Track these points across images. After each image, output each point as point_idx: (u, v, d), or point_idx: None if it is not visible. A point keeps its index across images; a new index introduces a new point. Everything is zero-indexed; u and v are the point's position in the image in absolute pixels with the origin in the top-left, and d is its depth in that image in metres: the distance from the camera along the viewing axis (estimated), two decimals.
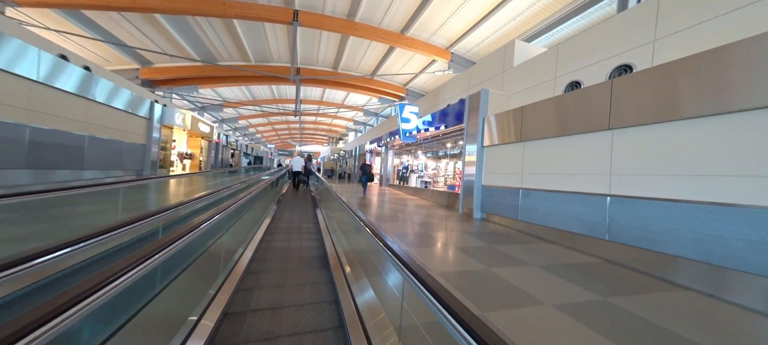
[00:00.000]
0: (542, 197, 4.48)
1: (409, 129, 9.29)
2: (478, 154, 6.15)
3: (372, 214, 5.82)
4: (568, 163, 4.08)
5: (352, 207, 3.58)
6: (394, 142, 12.13)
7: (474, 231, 4.69)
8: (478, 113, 6.24)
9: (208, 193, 4.50)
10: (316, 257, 4.33)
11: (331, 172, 27.92)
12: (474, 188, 6.15)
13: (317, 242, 5.04)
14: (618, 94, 3.41)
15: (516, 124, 5.10)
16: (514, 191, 5.11)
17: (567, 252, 3.71)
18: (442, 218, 5.79)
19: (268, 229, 5.75)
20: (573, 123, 4.03)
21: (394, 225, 4.89)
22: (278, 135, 37.24)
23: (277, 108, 23.78)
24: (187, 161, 12.63)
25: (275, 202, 8.81)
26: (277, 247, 4.58)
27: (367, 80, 16.85)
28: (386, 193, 10.48)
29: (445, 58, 12.76)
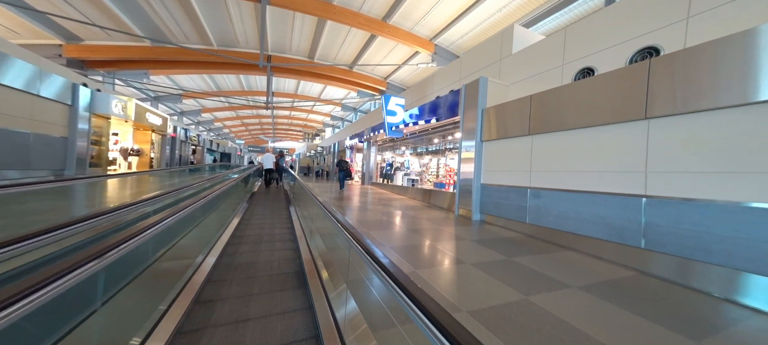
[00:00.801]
0: (556, 198, 3.92)
1: (395, 122, 8.49)
2: (477, 149, 5.52)
3: (356, 218, 4.96)
4: (590, 159, 3.53)
5: (331, 209, 2.77)
6: (377, 138, 11.27)
7: (480, 238, 4.02)
8: (475, 104, 5.60)
9: (152, 197, 3.43)
10: (290, 273, 3.42)
11: (307, 169, 26.40)
12: (472, 187, 5.52)
13: (292, 253, 4.09)
14: (661, 77, 2.86)
15: (523, 116, 4.51)
16: (520, 191, 4.53)
17: (595, 264, 3.15)
18: (437, 222, 5.08)
19: (233, 237, 4.66)
20: (596, 112, 3.48)
21: (385, 233, 4.07)
22: (249, 130, 34.60)
23: (247, 100, 21.82)
24: (133, 159, 10.72)
25: (246, 200, 7.59)
26: (243, 262, 3.57)
27: (346, 72, 15.76)
28: (370, 192, 9.63)
29: (428, 49, 12.11)
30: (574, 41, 4.76)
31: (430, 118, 7.19)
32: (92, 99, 7.63)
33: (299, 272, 3.67)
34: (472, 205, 5.51)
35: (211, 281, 3.23)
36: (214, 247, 4.29)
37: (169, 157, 12.94)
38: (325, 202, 3.51)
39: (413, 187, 8.84)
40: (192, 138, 16.57)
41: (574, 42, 4.76)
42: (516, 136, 4.68)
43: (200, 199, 3.56)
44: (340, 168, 9.90)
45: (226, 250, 4.32)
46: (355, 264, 2.29)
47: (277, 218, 6.52)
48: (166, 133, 12.34)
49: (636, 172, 3.04)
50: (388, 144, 11.94)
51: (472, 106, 5.71)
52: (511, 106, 4.80)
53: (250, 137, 37.38)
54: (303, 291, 3.12)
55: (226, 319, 2.38)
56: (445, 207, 6.61)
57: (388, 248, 3.33)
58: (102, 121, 8.52)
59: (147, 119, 10.43)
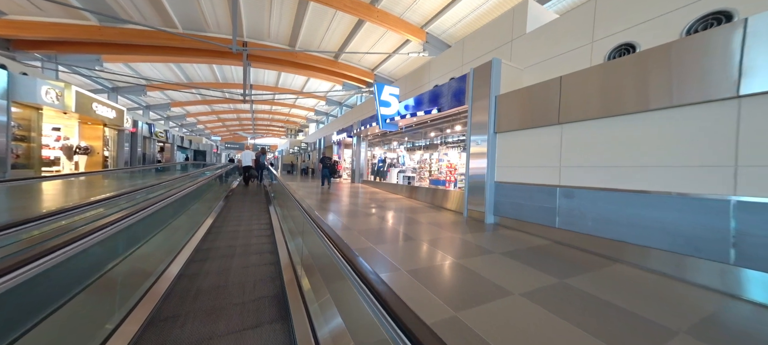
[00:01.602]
0: (597, 199, 3.23)
1: (389, 114, 7.59)
2: (489, 142, 4.76)
3: (348, 224, 4.07)
4: (648, 151, 2.85)
5: (317, 220, 1.92)
6: (368, 132, 10.32)
7: (507, 249, 3.26)
8: (487, 91, 4.83)
9: (81, 205, 2.45)
10: (267, 298, 2.52)
11: (291, 166, 24.94)
12: (485, 186, 4.77)
13: (271, 269, 3.14)
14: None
15: (550, 102, 3.78)
16: (547, 190, 3.82)
17: (675, 286, 2.46)
18: (447, 227, 4.29)
19: (198, 251, 3.62)
20: (654, 94, 2.78)
21: (392, 249, 3.21)
22: (226, 126, 32.30)
23: (222, 93, 20.01)
24: (81, 158, 9.06)
25: (222, 198, 6.44)
26: (206, 287, 2.58)
27: (330, 62, 14.59)
28: (361, 192, 8.71)
29: (419, 38, 11.26)
30: (608, 14, 4.08)
31: (431, 109, 6.36)
32: (11, 84, 6.05)
33: (279, 296, 2.75)
34: (484, 206, 4.77)
35: (157, 321, 2.26)
36: (170, 265, 3.25)
37: (129, 156, 11.25)
38: (309, 208, 2.60)
39: (410, 185, 8.02)
40: (158, 134, 14.74)
41: (608, 15, 4.07)
42: (540, 126, 3.96)
43: (155, 203, 2.58)
44: (323, 164, 9.63)
45: (188, 270, 3.29)
46: (347, 295, 1.42)
47: (254, 222, 5.48)
48: (123, 128, 10.65)
49: (721, 166, 2.37)
50: (379, 139, 11.02)
51: (483, 94, 4.93)
52: (533, 92, 4.06)
53: (227, 133, 34.94)
54: (284, 325, 2.24)
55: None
56: (450, 208, 5.85)
57: (400, 271, 2.48)
58: (30, 111, 6.89)
59: (95, 111, 8.77)
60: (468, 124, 5.25)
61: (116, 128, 10.50)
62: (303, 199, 3.33)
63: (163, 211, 4.28)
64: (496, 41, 5.69)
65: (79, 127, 9.00)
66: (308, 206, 2.68)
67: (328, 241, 1.78)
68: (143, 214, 2.95)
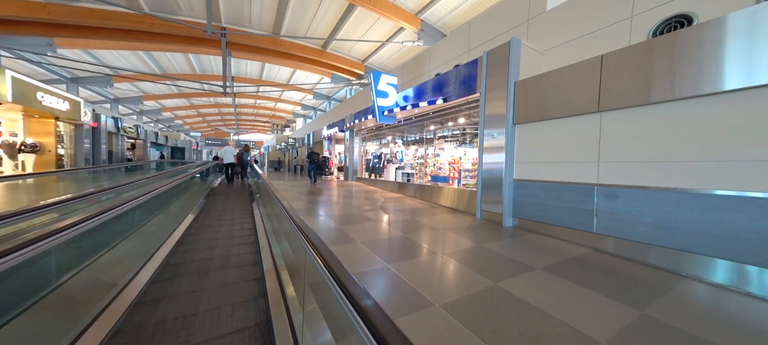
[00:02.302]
0: (653, 200, 2.70)
1: (387, 106, 6.87)
2: (507, 135, 4.17)
3: (349, 233, 3.38)
4: (726, 143, 2.32)
5: (305, 230, 1.21)
6: (362, 125, 9.55)
7: (547, 263, 2.68)
8: (504, 76, 4.22)
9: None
10: (249, 330, 1.83)
11: (278, 163, 23.74)
12: (503, 184, 4.19)
13: (253, 288, 2.41)
14: None
15: (586, 86, 3.21)
16: (581, 189, 3.27)
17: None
18: (463, 232, 3.69)
19: (166, 265, 2.80)
20: (733, 70, 2.24)
21: (412, 269, 2.56)
22: (207, 122, 30.35)
23: (201, 86, 18.51)
24: (28, 156, 7.73)
25: (204, 196, 5.56)
26: (169, 318, 1.83)
27: (318, 52, 13.60)
28: (357, 190, 7.98)
29: (414, 26, 10.52)
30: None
31: (435, 99, 5.70)
32: None
33: (263, 324, 2.05)
34: (502, 207, 4.19)
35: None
36: (126, 287, 2.46)
37: (90, 154, 9.90)
38: (301, 222, 1.89)
39: (409, 182, 7.36)
40: (127, 129, 13.24)
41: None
42: (572, 115, 3.39)
43: (109, 209, 1.81)
44: (310, 160, 9.49)
45: (149, 293, 2.49)
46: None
47: (236, 226, 4.67)
48: (81, 122, 9.29)
49: None
50: (374, 133, 10.27)
51: (499, 80, 4.32)
52: (564, 76, 3.48)
53: (209, 129, 32.90)
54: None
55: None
56: (458, 208, 5.26)
57: (435, 309, 1.82)
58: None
59: (40, 102, 7.46)
60: (481, 115, 4.63)
61: (72, 122, 9.13)
62: (292, 207, 2.60)
63: (125, 218, 3.43)
64: (508, 22, 5.08)
65: (24, 121, 7.65)
66: (300, 220, 1.96)
67: (331, 281, 1.10)
68: (93, 223, 2.15)
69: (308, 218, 4.30)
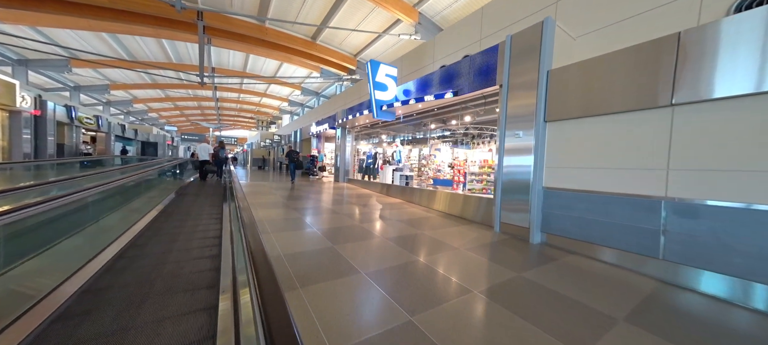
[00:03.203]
0: (764, 224, 2.02)
1: (385, 100, 6.03)
2: (537, 134, 3.45)
3: (353, 258, 2.52)
4: None
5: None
6: (356, 122, 8.63)
7: (627, 308, 1.95)
8: (534, 64, 3.49)
9: None
10: None
11: (262, 161, 22.28)
12: (530, 192, 3.46)
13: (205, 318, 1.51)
14: None
15: (654, 72, 2.52)
16: (641, 203, 2.58)
17: None
18: (489, 253, 2.93)
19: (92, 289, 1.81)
20: None
21: (445, 320, 1.73)
22: (185, 116, 28.20)
23: (179, 77, 16.87)
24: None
25: (175, 192, 4.51)
26: None
27: (307, 44, 12.54)
28: (350, 193, 7.07)
29: (411, 18, 9.75)
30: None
31: (443, 92, 4.92)
32: None
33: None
34: (528, 220, 3.46)
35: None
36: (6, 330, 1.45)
37: (33, 147, 8.33)
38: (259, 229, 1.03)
39: (409, 186, 6.54)
40: (83, 119, 11.54)
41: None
42: (628, 110, 2.70)
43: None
44: (289, 159, 9.41)
45: (43, 340, 1.50)
46: None
47: (198, 234, 3.64)
48: (17, 109, 7.75)
49: None
50: (368, 131, 9.38)
51: (526, 69, 3.59)
52: (618, 60, 2.78)
53: (187, 124, 30.62)
54: None
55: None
56: (470, 218, 4.50)
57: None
58: None
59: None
60: (501, 110, 3.89)
61: (5, 109, 7.59)
62: (259, 222, 1.70)
63: (54, 221, 2.39)
64: (531, 5, 4.37)
65: None
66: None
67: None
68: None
69: (288, 234, 3.38)
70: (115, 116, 20.42)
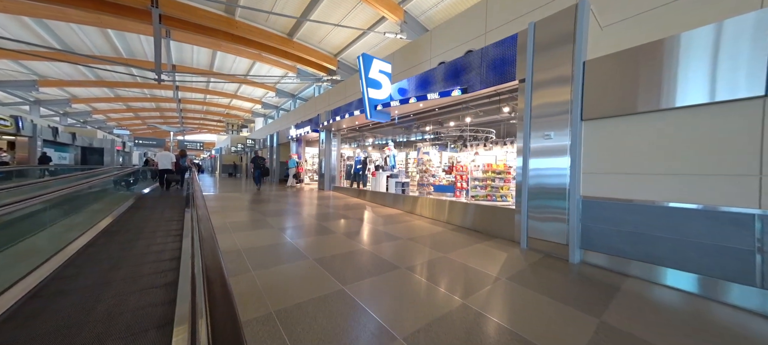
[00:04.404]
0: None
1: (380, 99, 5.21)
2: (573, 134, 2.88)
3: (363, 298, 1.69)
4: None
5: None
6: (342, 124, 7.68)
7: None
8: (565, 55, 2.94)
9: None
10: None
11: (232, 168, 20.15)
12: (568, 201, 2.87)
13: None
14: None
15: (736, 55, 2.03)
16: (726, 216, 2.08)
17: None
18: (526, 279, 2.27)
19: None
20: None
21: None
22: (141, 118, 24.74)
23: (131, 74, 14.48)
24: None
25: (127, 202, 3.16)
26: None
27: (283, 41, 11.30)
28: (338, 204, 6.10)
29: (396, 16, 9.09)
30: None
31: (449, 90, 4.24)
32: None
33: None
34: (566, 235, 2.87)
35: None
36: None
37: None
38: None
39: (406, 194, 5.75)
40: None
41: None
42: (700, 103, 2.20)
43: None
44: (255, 165, 9.27)
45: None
46: None
47: (150, 257, 2.51)
48: None
49: None
50: (355, 133, 8.46)
51: (555, 61, 3.03)
52: (696, 41, 2.28)
53: (144, 127, 26.94)
54: None
55: None
56: (486, 230, 3.84)
57: None
58: None
59: None
60: (526, 106, 3.29)
61: None
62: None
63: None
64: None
65: None
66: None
67: None
68: None
69: (274, 274, 2.43)
70: (49, 118, 17.10)
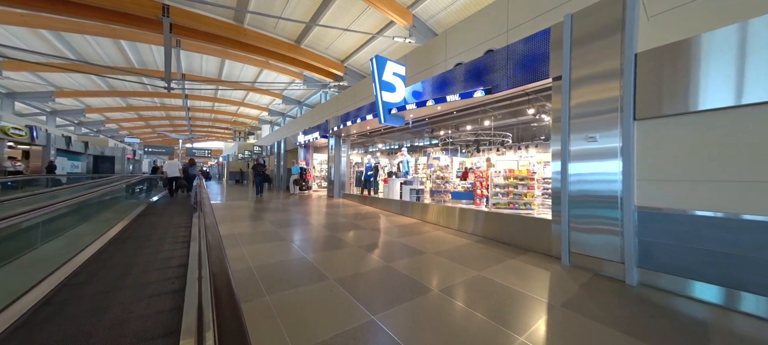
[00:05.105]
0: None
1: (394, 102, 4.89)
2: (625, 136, 2.51)
3: (394, 327, 1.32)
4: None
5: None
6: (351, 130, 7.38)
7: None
8: (612, 47, 2.59)
9: None
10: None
11: (239, 175, 20.00)
12: (623, 212, 2.48)
13: None
14: None
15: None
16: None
17: None
18: (585, 308, 1.88)
19: None
20: None
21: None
22: (151, 126, 24.88)
23: (141, 82, 14.47)
24: None
25: (141, 207, 2.87)
26: None
27: (291, 48, 11.14)
28: (350, 212, 5.75)
29: (405, 20, 8.85)
30: None
31: (471, 91, 3.90)
32: None
33: None
34: (621, 251, 2.47)
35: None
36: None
37: None
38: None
39: (420, 202, 5.37)
40: (7, 129, 9.04)
41: None
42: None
43: None
44: (256, 172, 9.34)
45: None
46: None
47: (157, 265, 2.18)
48: None
49: None
50: (361, 139, 8.14)
51: (599, 54, 2.68)
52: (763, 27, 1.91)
53: (154, 135, 27.09)
54: None
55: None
56: (517, 243, 3.44)
57: None
58: None
59: None
60: (563, 105, 2.92)
61: None
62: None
63: None
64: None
65: None
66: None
67: None
68: None
69: (291, 295, 2.08)
70: (64, 128, 17.19)
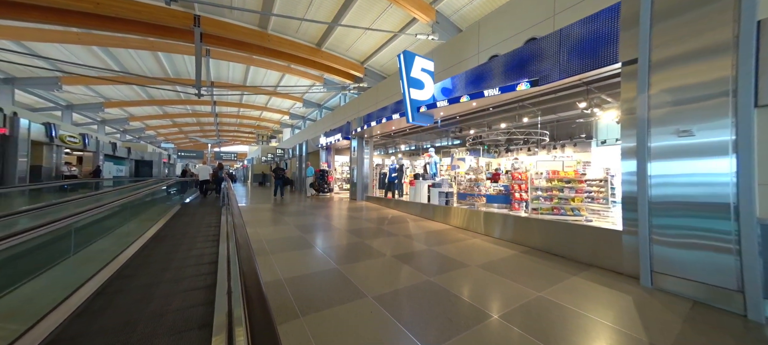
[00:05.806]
0: None
1: (422, 100, 4.47)
2: (740, 126, 1.92)
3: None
4: None
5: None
6: (374, 131, 7.04)
7: None
8: (725, 13, 2.00)
9: None
10: None
11: (262, 177, 20.44)
12: (741, 223, 1.89)
13: None
14: None
15: None
16: None
17: None
18: (655, 332, 1.31)
19: None
20: None
21: None
22: (184, 132, 26.29)
23: (176, 92, 15.20)
24: None
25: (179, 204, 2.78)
26: None
27: (312, 51, 11.06)
28: (375, 216, 5.40)
29: (428, 16, 8.38)
30: None
31: (514, 84, 3.39)
32: None
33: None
34: (741, 276, 1.88)
35: None
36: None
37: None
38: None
39: (451, 206, 4.88)
40: (65, 138, 9.72)
41: None
42: None
43: None
44: (276, 175, 9.34)
45: None
46: None
47: (191, 260, 1.96)
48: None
49: None
50: (383, 140, 7.78)
51: (701, 26, 2.11)
52: None
53: (186, 141, 28.62)
54: None
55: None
56: (565, 254, 2.89)
57: None
58: None
59: None
60: (640, 93, 2.36)
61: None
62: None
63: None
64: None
65: None
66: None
67: None
68: None
69: (329, 313, 1.74)
70: (111, 135, 18.51)
